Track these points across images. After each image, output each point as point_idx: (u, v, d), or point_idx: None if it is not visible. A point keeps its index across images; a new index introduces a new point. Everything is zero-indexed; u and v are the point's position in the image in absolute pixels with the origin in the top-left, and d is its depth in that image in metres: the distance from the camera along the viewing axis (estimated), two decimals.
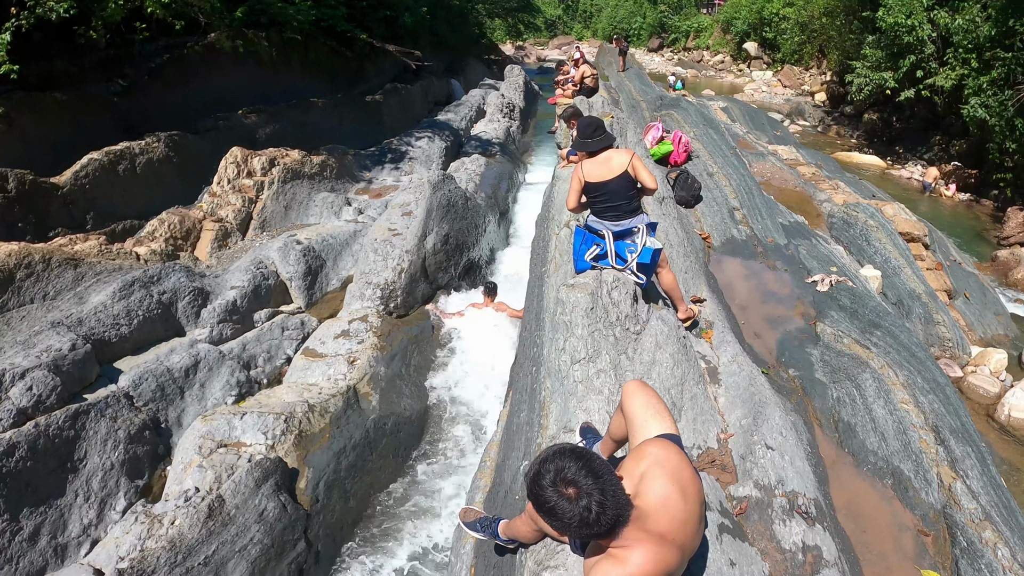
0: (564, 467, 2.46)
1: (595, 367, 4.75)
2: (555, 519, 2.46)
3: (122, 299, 7.51)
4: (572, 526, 2.43)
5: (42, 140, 10.25)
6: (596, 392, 4.58)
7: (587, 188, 5.73)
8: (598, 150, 5.75)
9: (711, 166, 11.14)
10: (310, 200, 12.15)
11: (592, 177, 5.67)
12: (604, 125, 5.90)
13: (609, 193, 5.64)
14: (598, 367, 4.75)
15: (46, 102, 10.52)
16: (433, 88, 22.19)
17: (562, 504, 2.42)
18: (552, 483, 2.45)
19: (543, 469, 2.50)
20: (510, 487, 4.84)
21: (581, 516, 2.39)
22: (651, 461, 2.70)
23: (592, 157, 5.77)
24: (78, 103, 11.08)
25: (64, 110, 10.77)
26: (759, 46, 40.31)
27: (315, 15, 16.47)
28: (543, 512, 2.50)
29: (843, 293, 7.69)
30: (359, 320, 8.95)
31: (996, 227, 16.54)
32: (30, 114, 10.18)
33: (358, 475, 7.02)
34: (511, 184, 15.27)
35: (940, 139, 21.90)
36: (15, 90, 10.09)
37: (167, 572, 5.10)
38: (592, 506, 2.38)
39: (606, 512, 2.40)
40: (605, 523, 2.41)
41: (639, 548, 2.47)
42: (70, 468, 5.97)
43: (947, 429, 5.38)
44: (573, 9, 74.87)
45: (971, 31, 18.76)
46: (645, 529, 2.50)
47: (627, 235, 5.62)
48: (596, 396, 4.54)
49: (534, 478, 2.52)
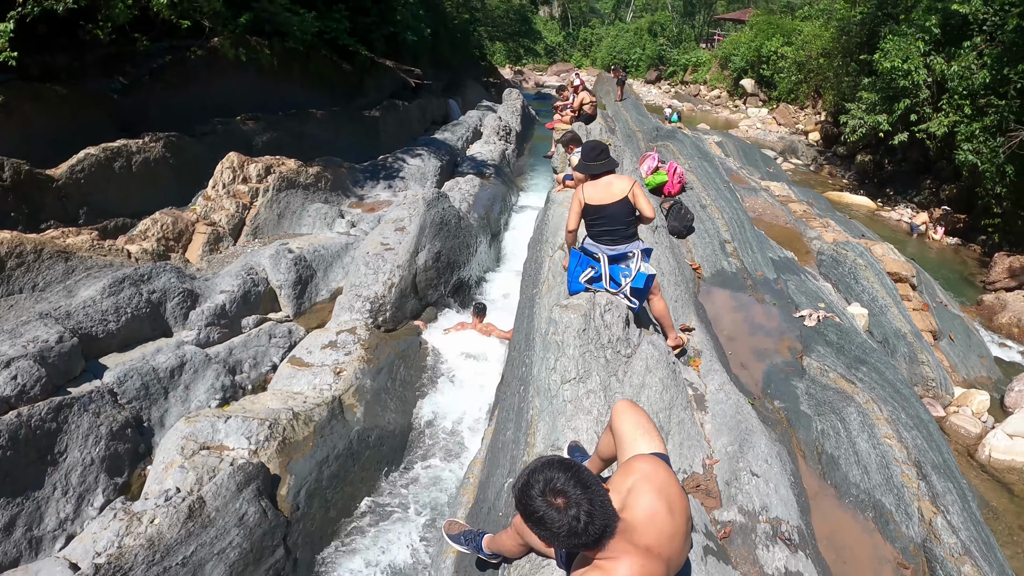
0: (553, 477, 2.48)
1: (585, 387, 4.78)
2: (543, 529, 2.47)
3: (111, 295, 7.48)
4: (560, 536, 2.44)
5: (40, 132, 10.22)
6: (585, 412, 4.61)
7: (586, 211, 5.79)
8: (600, 173, 5.81)
9: (704, 198, 11.26)
10: (303, 210, 12.16)
11: (592, 200, 5.72)
12: (608, 150, 5.98)
13: (607, 217, 5.70)
14: (588, 387, 4.78)
15: (46, 94, 10.50)
16: (431, 107, 22.32)
17: (551, 514, 2.43)
18: (541, 493, 2.46)
19: (532, 479, 2.52)
20: (493, 503, 4.84)
21: (569, 526, 2.41)
22: (639, 476, 2.72)
23: (594, 180, 5.83)
24: (78, 98, 11.07)
25: (64, 103, 10.75)
26: (756, 83, 40.80)
27: (318, 27, 16.57)
28: (531, 522, 2.50)
29: (830, 329, 7.77)
30: (347, 332, 8.94)
31: (983, 271, 16.76)
32: (30, 104, 10.16)
33: (340, 485, 6.98)
34: (504, 206, 15.33)
35: (931, 183, 22.19)
36: (15, 80, 10.08)
37: (144, 570, 5.04)
38: (581, 516, 2.40)
39: (594, 522, 2.41)
40: (593, 533, 2.43)
41: (625, 560, 2.48)
42: (50, 461, 5.92)
43: (929, 465, 5.44)
44: (573, 37, 75.55)
45: (966, 77, 19.08)
46: (632, 542, 2.51)
47: (622, 259, 5.67)
48: (585, 416, 4.57)
49: (523, 488, 2.53)
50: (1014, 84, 17.30)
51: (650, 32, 59.15)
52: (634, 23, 66.71)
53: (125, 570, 4.96)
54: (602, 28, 75.25)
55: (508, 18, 37.94)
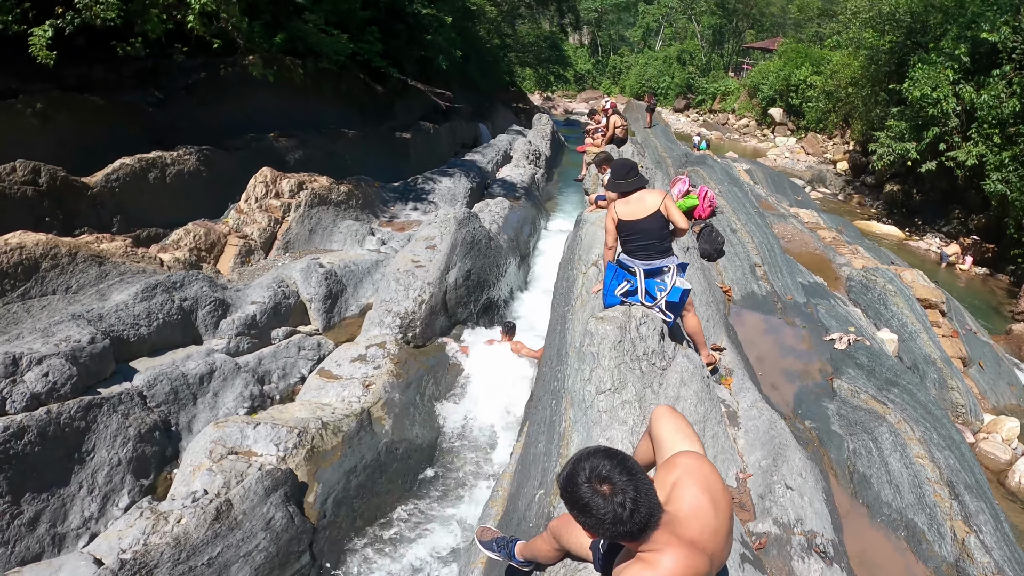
0: (599, 465, 2.44)
1: (620, 398, 4.72)
2: (588, 516, 2.42)
3: (144, 300, 7.54)
4: (605, 523, 2.38)
5: (75, 142, 10.36)
6: (620, 422, 4.55)
7: (620, 227, 5.80)
8: (632, 191, 5.83)
9: (734, 223, 11.20)
10: (335, 227, 12.23)
11: (625, 216, 5.74)
12: (638, 167, 6.00)
13: (641, 232, 5.70)
14: (623, 398, 4.72)
15: (83, 104, 10.67)
16: (461, 130, 22.47)
17: (596, 501, 2.39)
18: (587, 479, 2.42)
19: (578, 467, 2.48)
20: (524, 515, 4.78)
21: (615, 513, 2.36)
22: (682, 471, 2.67)
23: (625, 197, 5.85)
24: (113, 109, 11.24)
25: (99, 114, 10.92)
26: (784, 112, 40.72)
27: (352, 48, 16.75)
28: (576, 509, 2.46)
29: (861, 352, 7.68)
30: (376, 346, 8.93)
31: (1011, 302, 16.63)
32: (66, 114, 10.32)
33: (367, 496, 6.94)
34: (533, 229, 15.34)
35: (959, 213, 22.03)
36: (53, 89, 10.27)
37: (170, 568, 5.02)
38: (626, 502, 2.35)
39: (639, 510, 2.36)
40: (638, 521, 2.37)
41: (670, 552, 2.42)
42: (77, 459, 5.94)
43: (962, 484, 5.33)
44: (603, 64, 76.04)
45: (995, 106, 19.00)
46: (676, 534, 2.46)
47: (657, 274, 5.66)
48: (620, 426, 4.51)
49: (569, 475, 2.49)
50: None
51: (679, 60, 59.42)
52: (663, 51, 67.08)
53: (151, 567, 4.94)
54: (631, 56, 75.71)
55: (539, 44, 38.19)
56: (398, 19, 19.92)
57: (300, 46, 15.73)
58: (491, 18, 30.56)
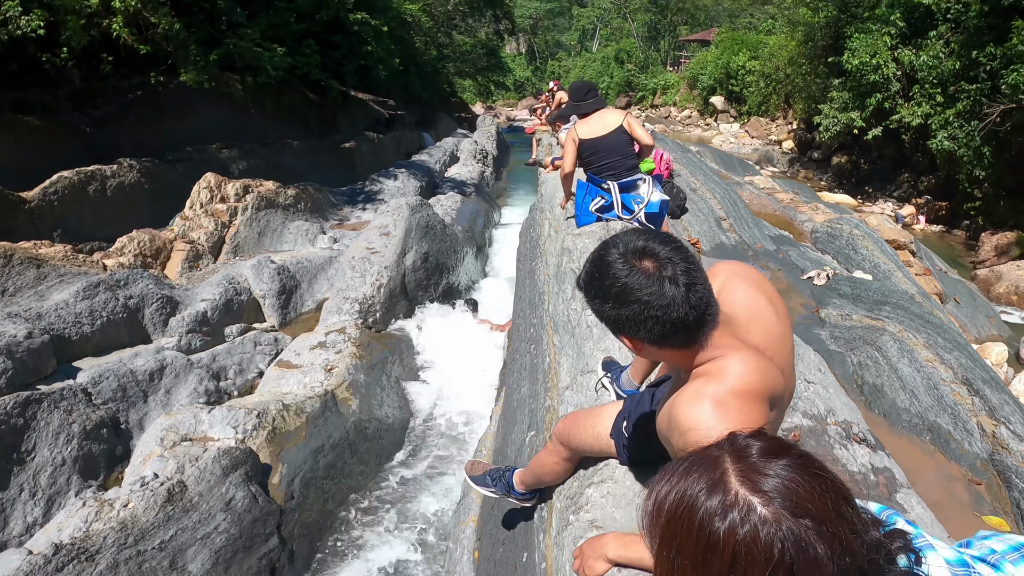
0: (632, 240, 1.78)
1: None
2: (628, 306, 1.72)
3: (86, 299, 7.09)
4: (652, 309, 1.69)
5: (14, 163, 9.90)
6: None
7: (583, 147, 5.53)
8: (591, 111, 5.58)
9: (694, 183, 10.99)
10: (284, 228, 11.81)
11: (587, 135, 5.48)
12: (597, 88, 5.74)
13: (605, 150, 5.45)
14: None
15: (18, 125, 10.26)
16: (405, 139, 22.13)
17: (637, 280, 1.70)
18: (622, 255, 1.75)
19: (606, 248, 1.81)
20: (515, 461, 4.36)
21: (666, 291, 1.68)
22: (728, 274, 2.00)
23: (585, 118, 5.60)
24: (51, 130, 10.82)
25: (36, 135, 10.51)
26: (725, 100, 40.90)
27: (290, 62, 16.38)
28: (611, 299, 1.75)
29: (842, 283, 7.49)
30: (336, 332, 8.51)
31: (970, 254, 16.85)
32: (2, 136, 9.91)
33: (337, 476, 6.51)
34: (487, 221, 15.07)
35: (908, 176, 22.23)
36: None
37: (115, 553, 4.54)
38: (678, 276, 1.69)
39: (695, 286, 1.70)
40: (696, 302, 1.70)
41: (735, 355, 1.75)
42: (16, 460, 5.45)
43: (979, 380, 5.10)
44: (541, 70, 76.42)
45: (935, 66, 19.22)
46: (737, 336, 1.83)
47: (631, 187, 5.37)
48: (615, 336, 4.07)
49: (596, 259, 1.82)
50: (983, 67, 17.43)
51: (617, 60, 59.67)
52: (600, 52, 67.56)
53: (91, 552, 4.47)
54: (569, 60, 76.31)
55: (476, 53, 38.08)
56: (336, 31, 19.60)
57: (238, 62, 15.32)
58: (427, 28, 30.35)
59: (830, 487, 1.15)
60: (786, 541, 1.08)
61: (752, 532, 1.10)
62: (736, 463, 1.19)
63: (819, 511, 1.11)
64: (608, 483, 2.63)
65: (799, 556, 1.08)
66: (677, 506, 1.18)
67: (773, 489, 1.12)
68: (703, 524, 1.14)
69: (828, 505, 1.12)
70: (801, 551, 1.08)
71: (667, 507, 1.20)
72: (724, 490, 1.15)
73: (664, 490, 1.22)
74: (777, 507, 1.10)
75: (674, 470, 1.24)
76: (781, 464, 1.17)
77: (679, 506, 1.18)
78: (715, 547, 1.12)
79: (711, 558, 1.12)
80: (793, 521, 1.09)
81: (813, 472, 1.17)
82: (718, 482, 1.16)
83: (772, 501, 1.11)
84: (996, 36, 17.13)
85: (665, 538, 1.19)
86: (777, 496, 1.12)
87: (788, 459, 1.18)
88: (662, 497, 1.22)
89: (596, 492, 2.60)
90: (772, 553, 1.08)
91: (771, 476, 1.15)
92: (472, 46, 37.96)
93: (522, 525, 3.54)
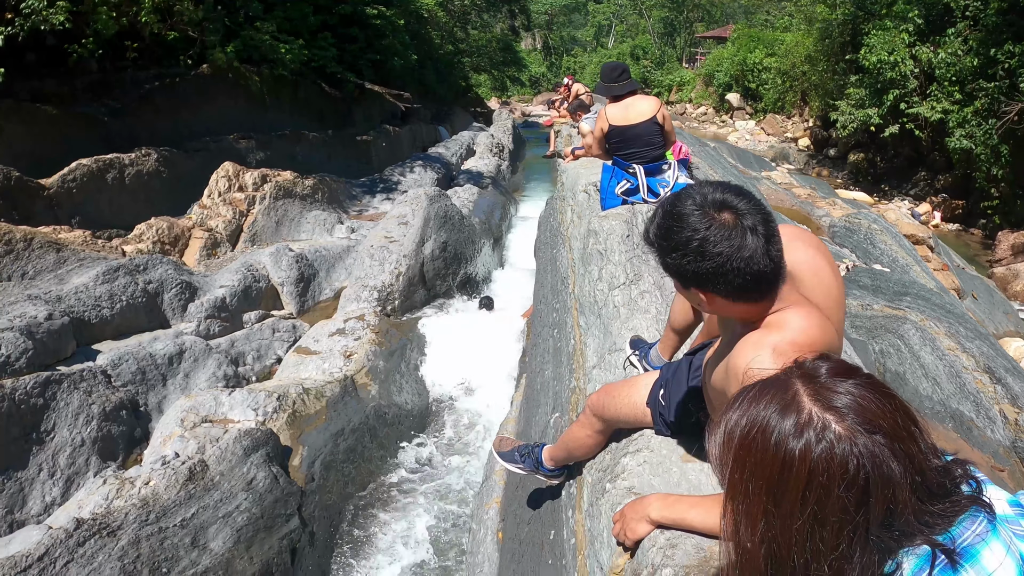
0: (708, 191, 1.75)
1: (638, 289, 4.25)
2: (708, 259, 1.68)
3: (105, 283, 7.09)
4: (735, 262, 1.66)
5: (30, 152, 9.93)
6: (643, 312, 4.03)
7: (611, 134, 5.45)
8: (623, 94, 5.50)
9: (713, 175, 10.91)
10: (302, 218, 11.80)
11: (617, 120, 5.40)
12: (629, 70, 5.68)
13: (634, 138, 5.38)
14: (641, 288, 4.25)
15: (35, 115, 10.27)
16: (421, 133, 22.10)
17: (717, 233, 1.67)
18: (699, 207, 1.71)
19: (681, 202, 1.76)
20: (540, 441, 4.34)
21: (747, 244, 1.65)
22: (789, 236, 1.90)
23: (616, 102, 5.52)
24: (68, 119, 10.83)
25: (53, 125, 10.53)
26: (741, 97, 40.60)
27: (306, 55, 16.40)
28: (690, 253, 1.70)
29: (862, 275, 7.43)
30: (355, 319, 8.51)
31: (987, 252, 16.77)
32: (18, 124, 9.93)
33: (357, 460, 6.49)
34: (504, 214, 15.03)
35: (925, 175, 22.10)
36: (5, 99, 9.84)
37: (136, 529, 4.52)
38: (758, 228, 1.67)
39: (774, 238, 1.69)
40: (775, 255, 1.69)
41: (798, 309, 1.75)
42: (35, 439, 5.44)
43: (1001, 369, 5.06)
44: (557, 66, 76.34)
45: (953, 64, 19.05)
46: (800, 292, 1.81)
47: (657, 172, 5.30)
48: (643, 315, 3.99)
49: (669, 212, 1.76)
50: (1001, 65, 17.26)
51: (632, 56, 59.30)
52: (616, 48, 67.40)
53: (113, 528, 4.44)
54: (584, 56, 76.11)
55: (491, 48, 38.09)
56: (352, 24, 19.63)
57: (255, 55, 15.35)
58: (443, 23, 30.38)
59: (899, 406, 1.15)
60: (861, 457, 1.09)
61: (827, 449, 1.10)
62: (807, 384, 1.19)
63: (891, 428, 1.11)
64: (644, 452, 2.58)
65: (874, 472, 1.08)
66: (750, 429, 1.18)
67: (846, 406, 1.13)
68: (778, 445, 1.14)
69: (899, 423, 1.12)
70: (876, 467, 1.08)
71: (739, 432, 1.20)
72: (797, 410, 1.15)
73: (735, 417, 1.22)
74: (851, 423, 1.11)
75: (743, 396, 1.24)
76: (851, 383, 1.17)
77: (752, 428, 1.18)
78: (791, 467, 1.12)
79: (787, 477, 1.12)
80: (868, 437, 1.10)
81: (882, 391, 1.17)
82: (791, 403, 1.16)
83: (845, 418, 1.12)
84: (1014, 34, 17.02)
85: (738, 462, 1.19)
86: (850, 413, 1.12)
87: (857, 379, 1.19)
88: (733, 424, 1.22)
89: (632, 461, 2.55)
90: (847, 469, 1.09)
91: (843, 394, 1.15)
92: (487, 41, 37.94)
93: (548, 503, 3.51)
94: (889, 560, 1.12)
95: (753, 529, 1.16)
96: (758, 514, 1.15)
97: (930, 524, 1.11)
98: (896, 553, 1.12)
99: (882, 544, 1.11)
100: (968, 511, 1.15)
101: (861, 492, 1.08)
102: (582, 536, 2.80)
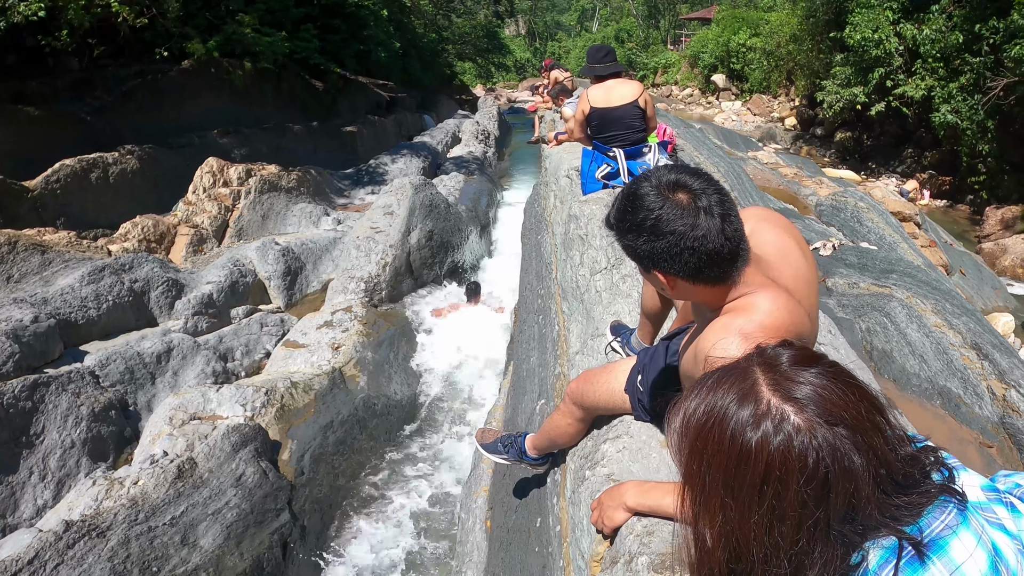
0: (664, 174, 1.76)
1: (619, 273, 4.26)
2: (661, 238, 1.70)
3: (91, 283, 7.07)
4: (687, 240, 1.67)
5: (12, 152, 9.87)
6: (624, 296, 4.06)
7: (592, 116, 5.41)
8: (607, 75, 5.47)
9: (698, 157, 10.91)
10: (288, 211, 11.77)
11: (599, 102, 5.36)
12: (614, 52, 5.65)
13: (615, 121, 5.34)
14: (623, 273, 4.26)
15: (17, 115, 10.22)
16: (406, 122, 22.03)
17: (671, 213, 1.68)
18: (655, 188, 1.72)
19: (638, 184, 1.78)
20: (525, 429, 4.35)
21: (700, 223, 1.67)
22: (757, 218, 1.95)
23: (599, 83, 5.49)
24: (50, 119, 10.78)
25: (35, 124, 10.47)
26: (727, 78, 40.50)
27: (289, 47, 16.30)
28: (645, 233, 1.73)
29: (849, 253, 7.44)
30: (343, 311, 8.50)
31: (975, 228, 16.85)
32: (1, 127, 9.87)
33: (347, 452, 6.52)
34: (491, 201, 15.01)
35: (911, 152, 22.14)
36: None
37: (125, 529, 4.53)
38: (713, 208, 1.67)
39: (730, 217, 1.69)
40: (731, 234, 1.69)
41: (765, 292, 1.75)
42: (25, 443, 5.44)
43: (988, 345, 5.06)
44: (541, 51, 76.15)
45: (938, 40, 19.03)
46: (767, 275, 1.82)
47: (638, 155, 5.29)
48: (624, 300, 4.02)
49: (627, 194, 1.79)
50: (986, 40, 17.23)
51: (617, 39, 59.19)
52: (600, 32, 67.33)
53: (102, 528, 4.45)
54: (569, 40, 75.98)
55: (476, 35, 37.96)
56: (335, 15, 19.51)
57: (237, 48, 15.24)
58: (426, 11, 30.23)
59: (863, 396, 1.12)
60: (821, 450, 1.05)
61: (786, 441, 1.06)
62: (767, 372, 1.15)
63: (854, 419, 1.07)
64: (624, 438, 2.59)
65: (835, 465, 1.05)
66: (707, 419, 1.15)
67: (806, 397, 1.09)
68: (735, 435, 1.10)
69: (862, 414, 1.09)
70: (837, 460, 1.05)
71: (696, 420, 1.16)
72: (756, 400, 1.11)
73: (693, 404, 1.18)
74: (811, 415, 1.07)
75: (702, 384, 1.21)
76: (812, 372, 1.13)
77: (709, 418, 1.14)
78: (747, 458, 1.09)
79: (744, 470, 1.09)
80: (828, 429, 1.06)
81: (846, 381, 1.14)
82: (749, 392, 1.13)
83: (805, 409, 1.08)
84: (998, 9, 16.96)
85: (695, 452, 1.16)
86: (810, 404, 1.08)
87: (819, 367, 1.15)
88: (691, 411, 1.18)
89: (612, 447, 2.57)
90: (807, 463, 1.05)
91: (803, 384, 1.11)
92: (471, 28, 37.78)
93: (535, 491, 3.53)
94: (854, 552, 1.09)
95: (711, 522, 1.13)
96: (716, 507, 1.12)
97: (896, 517, 1.08)
98: (861, 546, 1.09)
99: (844, 538, 1.07)
100: (937, 501, 1.12)
101: (821, 486, 1.05)
102: (566, 523, 2.81)
